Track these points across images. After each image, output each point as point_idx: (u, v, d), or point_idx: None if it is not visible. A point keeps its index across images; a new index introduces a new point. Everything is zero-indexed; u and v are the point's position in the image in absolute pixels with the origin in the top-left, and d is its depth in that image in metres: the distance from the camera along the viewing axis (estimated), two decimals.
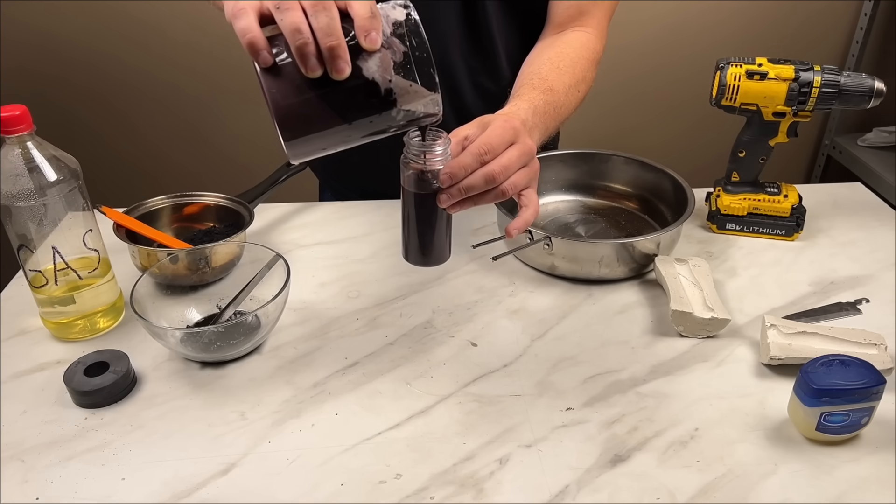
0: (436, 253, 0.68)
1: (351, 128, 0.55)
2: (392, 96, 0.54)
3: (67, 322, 0.75)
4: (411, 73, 0.53)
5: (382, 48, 0.52)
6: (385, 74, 0.53)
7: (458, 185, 0.61)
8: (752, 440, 0.63)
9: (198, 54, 1.79)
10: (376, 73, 0.53)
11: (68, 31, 1.75)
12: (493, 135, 0.63)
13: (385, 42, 0.53)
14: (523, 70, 0.86)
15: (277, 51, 0.52)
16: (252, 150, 1.91)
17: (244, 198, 0.91)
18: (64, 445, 0.63)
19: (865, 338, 0.70)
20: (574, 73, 0.83)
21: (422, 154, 0.62)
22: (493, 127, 0.64)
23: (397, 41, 0.53)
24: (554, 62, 0.83)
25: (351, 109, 0.54)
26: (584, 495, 0.58)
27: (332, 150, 0.56)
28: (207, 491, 0.59)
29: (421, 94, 0.54)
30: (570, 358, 0.73)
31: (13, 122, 0.66)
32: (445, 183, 0.61)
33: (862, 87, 0.85)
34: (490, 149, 0.62)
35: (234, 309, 0.77)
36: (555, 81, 0.80)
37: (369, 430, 0.65)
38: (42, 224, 0.70)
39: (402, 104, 0.54)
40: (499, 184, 0.62)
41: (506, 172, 0.62)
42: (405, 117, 0.56)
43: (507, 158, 0.63)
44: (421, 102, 0.55)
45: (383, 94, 0.54)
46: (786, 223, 0.93)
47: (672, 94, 1.92)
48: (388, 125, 0.56)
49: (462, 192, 0.62)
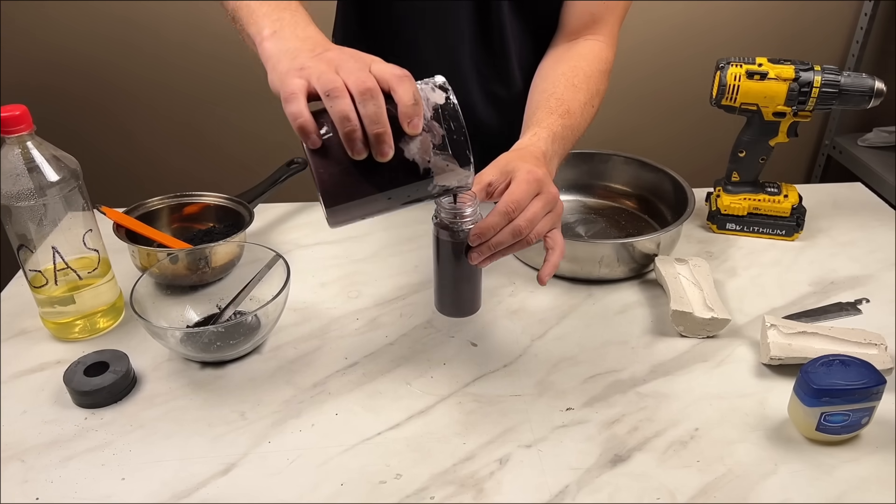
0: (468, 304, 0.73)
1: (390, 200, 0.58)
2: (430, 174, 0.57)
3: (67, 322, 0.75)
4: (448, 154, 0.56)
5: (423, 132, 0.56)
6: (424, 156, 0.56)
7: (487, 243, 0.64)
8: (752, 440, 0.63)
9: (198, 55, 1.79)
10: (416, 155, 0.56)
11: (68, 31, 1.75)
12: (518, 190, 0.64)
13: (426, 126, 0.55)
14: (538, 86, 0.86)
15: (324, 130, 0.55)
16: (252, 149, 1.91)
17: (244, 198, 0.91)
18: (64, 445, 0.63)
19: (865, 338, 0.70)
20: (588, 89, 0.84)
21: (453, 216, 0.66)
22: (517, 182, 0.65)
23: (437, 125, 0.56)
24: (569, 78, 0.83)
25: (390, 185, 0.57)
26: (584, 495, 0.58)
27: (370, 217, 0.60)
28: (207, 491, 0.59)
29: (457, 172, 0.57)
30: (570, 358, 0.73)
31: (13, 122, 0.66)
32: (475, 242, 0.64)
33: (862, 87, 0.85)
34: (517, 206, 0.63)
35: (234, 309, 0.77)
36: (571, 101, 0.80)
37: (369, 430, 0.65)
38: (42, 224, 0.70)
39: (438, 181, 0.58)
40: (525, 236, 0.64)
41: (531, 225, 0.64)
42: (440, 190, 0.59)
43: (533, 212, 0.64)
44: (456, 178, 0.58)
45: (422, 173, 0.57)
46: (786, 223, 0.93)
47: (672, 94, 1.92)
48: (423, 196, 0.59)
49: (491, 249, 0.64)
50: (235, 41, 0.52)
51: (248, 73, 1.80)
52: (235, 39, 0.54)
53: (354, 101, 0.53)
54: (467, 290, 0.73)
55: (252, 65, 0.67)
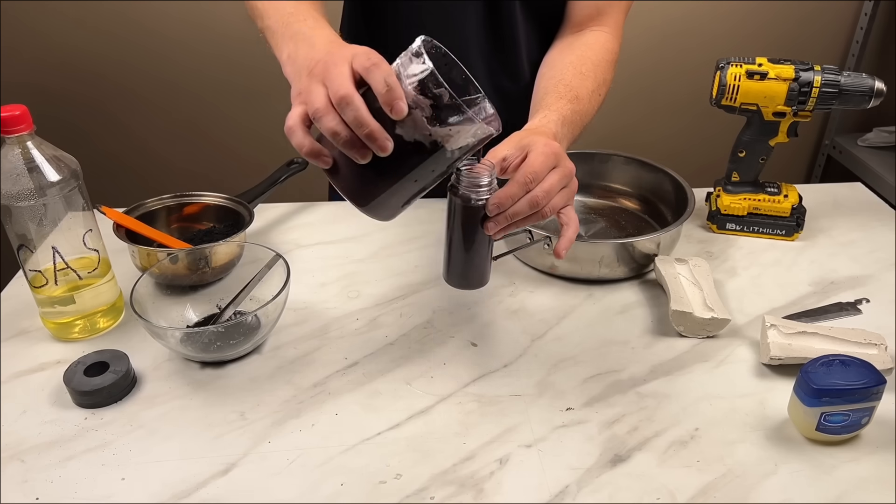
0: (477, 276, 0.71)
1: (417, 182, 0.59)
2: (439, 145, 0.56)
3: (67, 322, 0.75)
4: (445, 121, 0.55)
5: (411, 110, 0.54)
6: (423, 132, 0.55)
7: (504, 212, 0.63)
8: (752, 440, 0.63)
9: (197, 54, 1.79)
10: (415, 134, 0.55)
11: (68, 31, 1.75)
12: (536, 162, 0.64)
13: (412, 103, 0.54)
14: (545, 74, 0.87)
15: (331, 150, 0.58)
16: (252, 149, 1.91)
17: (244, 198, 0.91)
18: (64, 445, 0.63)
19: (865, 338, 0.70)
20: (596, 77, 0.84)
21: (469, 185, 0.64)
22: (535, 153, 0.65)
23: (422, 98, 0.54)
24: (577, 67, 0.84)
25: (408, 169, 0.58)
26: (584, 495, 0.58)
27: (412, 201, 0.61)
28: (207, 491, 0.59)
29: (464, 132, 0.56)
30: (570, 358, 0.73)
31: (13, 122, 0.66)
32: (493, 212, 0.63)
33: (862, 86, 0.85)
34: (535, 177, 0.63)
35: (234, 309, 0.77)
36: (579, 88, 0.81)
37: (369, 430, 0.65)
38: (42, 224, 0.70)
39: (451, 146, 0.57)
40: (541, 208, 0.64)
41: (548, 197, 0.64)
42: (461, 152, 0.58)
43: (550, 184, 0.64)
44: (467, 136, 0.57)
45: (430, 147, 0.56)
46: (786, 223, 0.93)
47: (672, 94, 1.92)
48: (448, 164, 0.59)
49: (508, 219, 0.64)
50: (236, 40, 0.52)
51: (249, 72, 1.80)
52: (236, 38, 0.54)
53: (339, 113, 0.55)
54: (478, 261, 0.71)
55: (252, 65, 0.67)
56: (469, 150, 0.58)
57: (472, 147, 0.58)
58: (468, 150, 0.58)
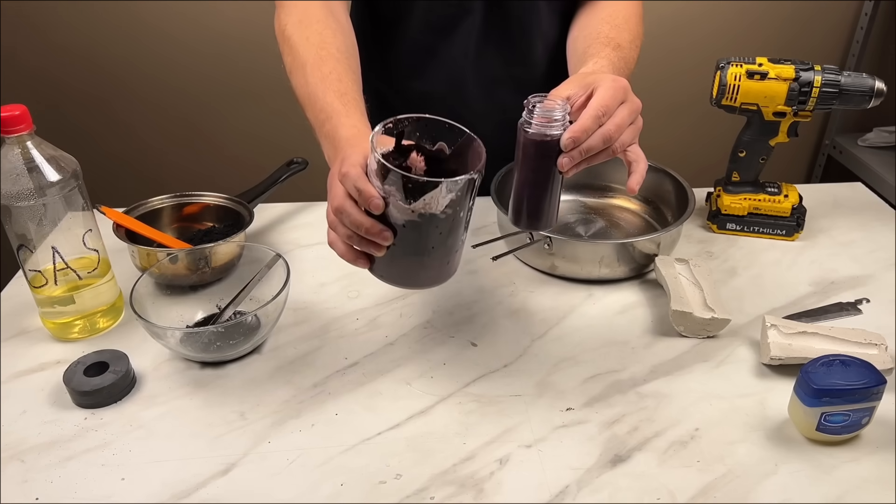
0: (549, 216, 0.70)
1: (434, 247, 0.62)
2: (427, 214, 0.59)
3: (67, 322, 0.75)
4: (418, 197, 0.57)
5: (386, 200, 0.58)
6: (406, 213, 0.58)
7: (578, 147, 0.63)
8: (753, 440, 0.63)
9: (197, 54, 1.79)
10: (403, 217, 0.59)
11: (68, 31, 1.75)
12: (606, 95, 0.64)
13: (384, 194, 0.58)
14: (579, 35, 0.87)
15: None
16: (252, 149, 1.91)
17: (244, 198, 0.91)
18: (64, 445, 0.63)
19: (865, 338, 0.70)
20: (630, 29, 0.85)
21: (542, 120, 0.63)
22: (604, 88, 0.64)
23: (388, 188, 0.58)
24: (610, 21, 0.85)
25: (419, 243, 0.61)
26: (584, 495, 0.58)
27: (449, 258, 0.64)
28: (207, 491, 0.59)
29: (442, 195, 0.58)
30: (570, 358, 0.73)
31: (13, 122, 0.66)
32: (569, 146, 0.63)
33: (862, 86, 0.85)
34: (607, 110, 0.63)
35: (234, 309, 0.77)
36: (618, 38, 0.82)
37: (369, 430, 0.65)
38: (42, 224, 0.70)
39: (437, 210, 0.59)
40: (613, 143, 0.64)
41: (619, 131, 0.64)
42: (454, 206, 0.59)
43: (620, 117, 0.64)
44: (449, 195, 0.58)
45: (422, 220, 0.59)
46: (786, 223, 0.93)
47: (672, 94, 1.92)
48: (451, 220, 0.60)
49: (581, 155, 0.63)
50: (236, 41, 0.52)
51: (249, 73, 1.80)
52: (236, 39, 0.54)
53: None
54: (550, 199, 0.68)
55: (252, 65, 0.67)
56: (463, 197, 0.60)
57: (463, 195, 0.59)
58: (462, 200, 0.60)
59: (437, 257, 0.63)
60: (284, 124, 1.85)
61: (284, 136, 1.86)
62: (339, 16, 0.82)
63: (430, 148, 0.63)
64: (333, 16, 0.81)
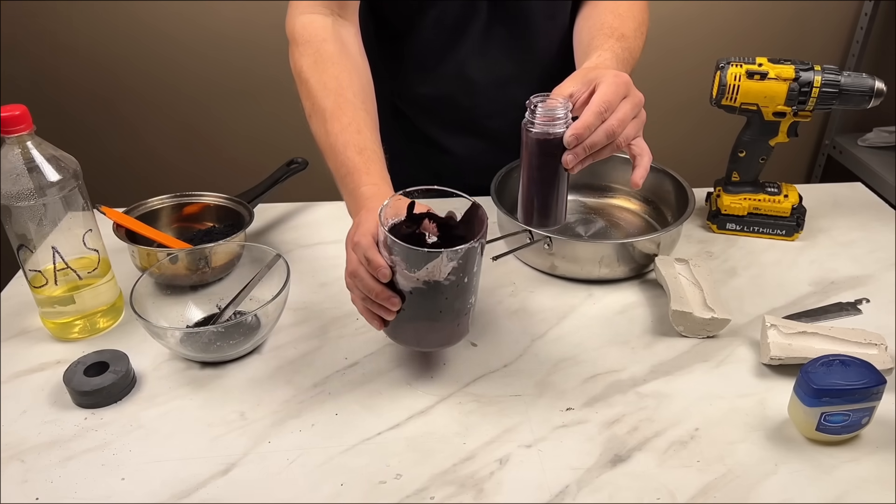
0: (556, 213, 0.71)
1: (442, 311, 0.64)
2: (431, 282, 0.61)
3: (67, 322, 0.75)
4: (421, 266, 0.60)
5: (394, 269, 0.62)
6: (411, 281, 0.62)
7: (582, 144, 0.63)
8: (753, 440, 0.63)
9: (198, 55, 1.79)
10: (410, 284, 0.62)
11: (69, 31, 1.75)
12: (608, 91, 0.64)
13: (390, 263, 0.62)
14: (583, 25, 0.88)
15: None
16: (252, 150, 1.91)
17: (244, 198, 0.91)
18: (64, 445, 0.63)
19: (865, 338, 0.70)
20: (635, 17, 0.85)
21: (545, 119, 0.64)
22: (606, 84, 0.65)
23: (396, 258, 0.61)
24: (613, 11, 0.85)
25: (429, 308, 0.64)
26: (584, 495, 0.58)
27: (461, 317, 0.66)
28: (207, 491, 0.59)
29: (444, 263, 0.60)
30: (570, 358, 0.73)
31: (13, 122, 0.66)
32: (572, 143, 0.64)
33: (862, 87, 0.85)
34: (609, 106, 0.64)
35: (234, 309, 0.77)
36: (623, 28, 0.82)
37: (369, 430, 0.65)
38: (42, 224, 0.70)
39: (441, 277, 0.61)
40: (616, 138, 0.64)
41: (622, 126, 0.64)
42: (458, 272, 0.62)
43: (623, 112, 0.64)
44: (450, 263, 0.61)
45: (426, 287, 0.62)
46: (786, 223, 0.93)
47: (672, 94, 1.92)
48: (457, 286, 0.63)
49: (585, 151, 0.64)
50: (237, 41, 0.52)
51: (249, 73, 1.80)
52: (237, 39, 0.54)
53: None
54: (557, 197, 0.70)
55: (253, 65, 0.67)
56: (466, 264, 0.62)
57: (466, 262, 0.61)
58: (466, 266, 0.62)
59: (446, 321, 0.65)
60: (284, 124, 1.85)
61: (284, 136, 1.87)
62: (351, 49, 0.82)
63: (440, 216, 0.66)
64: (346, 51, 0.80)
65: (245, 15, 1.73)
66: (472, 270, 0.63)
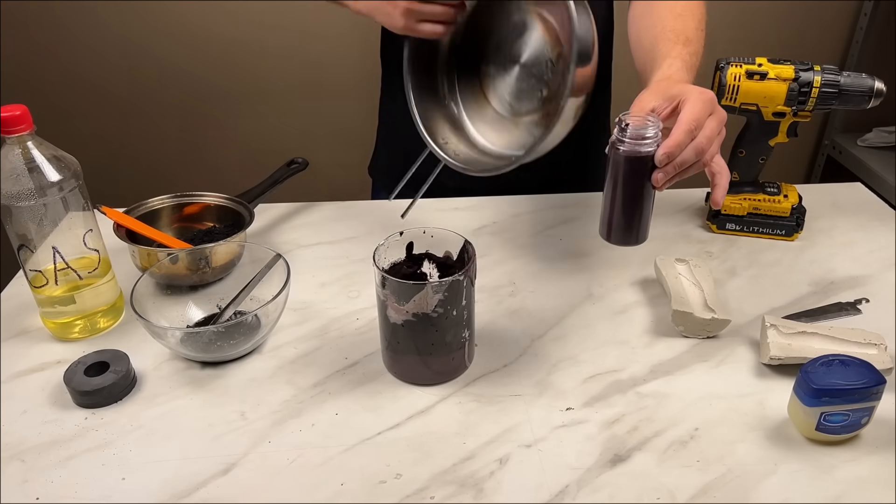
0: (642, 231, 0.71)
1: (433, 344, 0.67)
2: (420, 314, 0.64)
3: (67, 322, 0.75)
4: (408, 297, 0.63)
5: (386, 304, 0.65)
6: (402, 315, 0.64)
7: (673, 162, 0.63)
8: (752, 440, 0.63)
9: (198, 54, 1.79)
10: (399, 318, 0.65)
11: (69, 31, 1.75)
12: (696, 109, 0.64)
13: (383, 297, 0.65)
14: (643, 26, 0.85)
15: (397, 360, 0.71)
16: (252, 150, 1.91)
17: (244, 198, 0.91)
18: (64, 445, 0.63)
19: (865, 338, 0.70)
20: (694, 14, 0.84)
21: (635, 138, 0.64)
22: (693, 101, 0.65)
23: (386, 291, 0.64)
24: (671, 10, 0.84)
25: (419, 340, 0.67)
26: (584, 495, 0.58)
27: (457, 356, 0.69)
28: (207, 491, 0.59)
29: (427, 295, 0.63)
30: (570, 358, 0.73)
31: (13, 122, 0.66)
32: (663, 162, 0.64)
33: (862, 87, 0.85)
34: (698, 124, 0.64)
35: (234, 309, 0.77)
36: (686, 30, 0.81)
37: (369, 430, 0.65)
38: (42, 224, 0.70)
39: (428, 309, 0.64)
40: (704, 156, 0.64)
41: (710, 143, 0.64)
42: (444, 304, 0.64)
43: (710, 130, 0.64)
44: (432, 295, 0.63)
45: (416, 321, 0.64)
46: (786, 223, 0.93)
47: None
48: (447, 321, 0.65)
49: (675, 169, 0.64)
50: (237, 41, 0.52)
51: (250, 73, 1.80)
52: (237, 39, 0.54)
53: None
54: (644, 215, 0.71)
55: (253, 65, 0.67)
56: (453, 297, 0.64)
57: (452, 294, 0.63)
58: (453, 299, 0.64)
59: (439, 354, 0.67)
60: (285, 125, 1.85)
61: (284, 136, 1.87)
62: None
63: (438, 256, 0.71)
64: None
65: (246, 15, 1.73)
66: (460, 303, 0.65)
